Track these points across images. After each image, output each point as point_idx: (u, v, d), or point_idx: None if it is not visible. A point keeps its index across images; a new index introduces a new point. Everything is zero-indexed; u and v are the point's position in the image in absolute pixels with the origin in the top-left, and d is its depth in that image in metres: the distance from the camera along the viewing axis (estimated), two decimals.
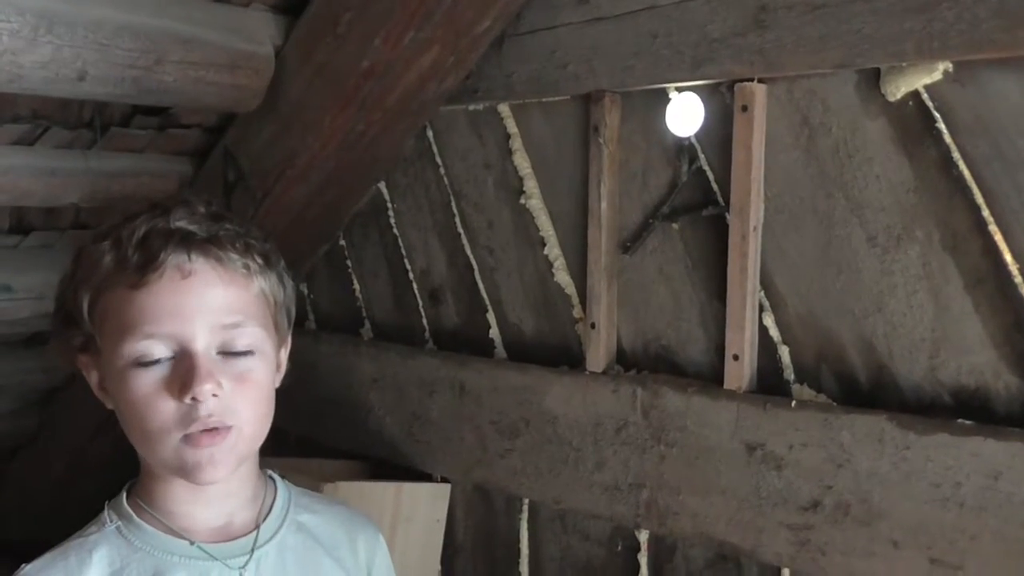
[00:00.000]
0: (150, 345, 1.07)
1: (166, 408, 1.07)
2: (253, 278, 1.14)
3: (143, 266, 1.06)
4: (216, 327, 1.09)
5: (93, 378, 1.16)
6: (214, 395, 1.07)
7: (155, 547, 1.14)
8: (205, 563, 1.14)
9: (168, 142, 2.17)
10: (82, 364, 1.16)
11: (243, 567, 1.16)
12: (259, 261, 1.15)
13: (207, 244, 1.10)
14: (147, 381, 1.07)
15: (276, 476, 1.29)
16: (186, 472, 1.10)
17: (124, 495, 1.19)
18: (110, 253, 1.09)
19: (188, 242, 1.08)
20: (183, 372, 1.07)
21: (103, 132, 2.05)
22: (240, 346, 1.11)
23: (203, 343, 1.08)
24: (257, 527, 1.20)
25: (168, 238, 1.08)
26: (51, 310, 1.18)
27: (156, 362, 1.07)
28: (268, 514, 1.22)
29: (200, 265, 1.09)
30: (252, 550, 1.17)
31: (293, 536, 1.23)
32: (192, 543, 1.15)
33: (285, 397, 1.22)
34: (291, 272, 1.24)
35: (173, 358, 1.08)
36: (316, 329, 2.51)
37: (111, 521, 1.16)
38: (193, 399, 1.06)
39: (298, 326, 2.49)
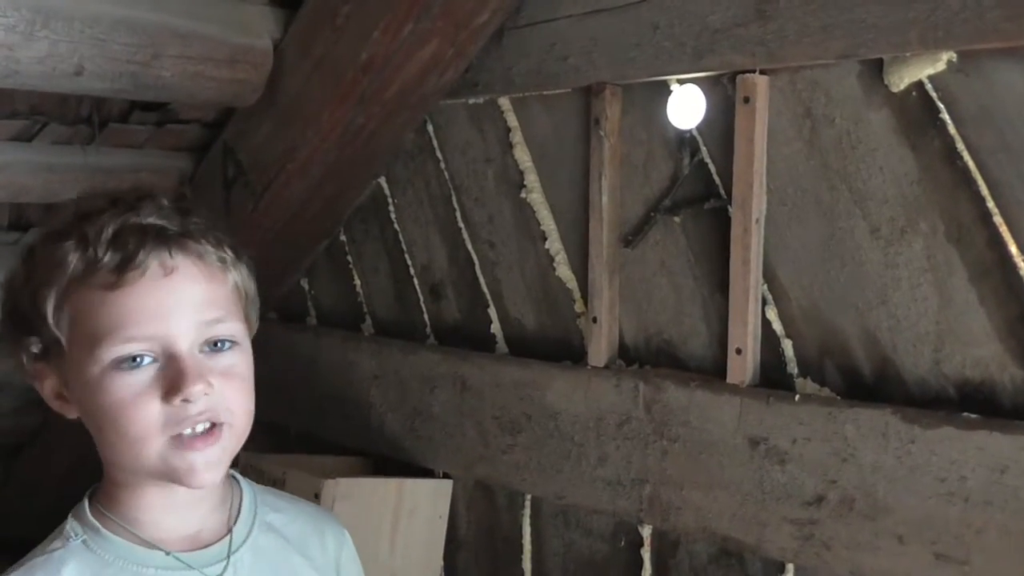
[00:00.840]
0: (132, 348, 1.02)
1: (151, 411, 1.02)
2: (228, 271, 1.10)
3: (121, 265, 1.01)
4: (200, 324, 1.05)
5: (48, 386, 1.09)
6: (205, 394, 1.03)
7: (128, 560, 1.08)
8: (182, 573, 1.10)
9: (167, 138, 2.16)
10: (35, 372, 1.09)
11: (221, 574, 1.12)
12: (231, 254, 1.11)
13: (184, 239, 1.05)
14: (129, 384, 1.02)
15: (238, 475, 1.24)
16: (177, 476, 1.05)
17: (86, 505, 1.12)
18: (76, 252, 1.03)
19: (165, 238, 1.04)
20: (172, 374, 1.02)
21: (101, 128, 2.04)
22: (223, 342, 1.07)
23: (188, 342, 1.04)
24: (230, 531, 1.16)
25: (144, 235, 1.03)
26: None
27: (137, 365, 1.02)
28: (238, 516, 1.18)
29: (181, 261, 1.04)
30: (228, 555, 1.13)
31: (264, 537, 1.19)
32: (167, 553, 1.10)
33: (286, 393, 1.21)
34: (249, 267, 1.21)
35: (155, 360, 1.03)
36: (317, 325, 2.50)
37: (76, 535, 1.10)
38: (184, 400, 1.02)
39: (299, 322, 2.51)
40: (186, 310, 1.04)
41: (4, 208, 2.18)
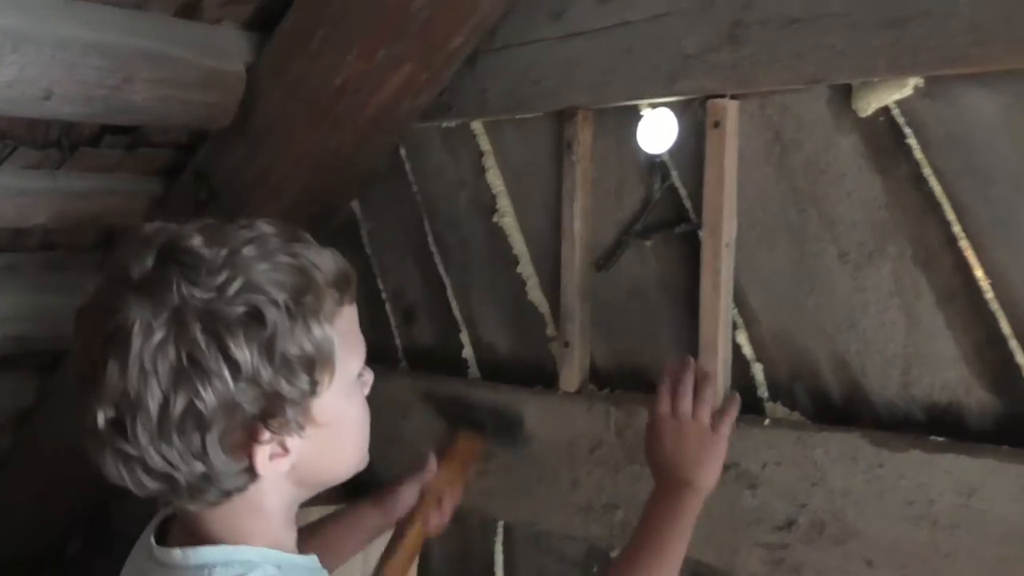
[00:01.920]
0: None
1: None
2: None
3: (348, 283, 1.08)
4: None
5: (264, 445, 0.99)
6: None
7: (307, 570, 1.11)
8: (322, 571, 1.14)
9: (138, 161, 2.14)
10: (255, 437, 0.99)
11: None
12: None
13: None
14: (363, 390, 1.12)
15: None
16: (363, 465, 1.16)
17: (235, 551, 1.05)
18: (317, 278, 1.03)
19: None
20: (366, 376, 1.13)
21: (72, 152, 2.02)
22: None
23: None
24: None
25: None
26: (15, 332, 1.10)
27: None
28: None
29: None
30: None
31: None
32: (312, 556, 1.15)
33: None
34: None
35: None
36: None
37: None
38: None
39: None
40: None
41: None
